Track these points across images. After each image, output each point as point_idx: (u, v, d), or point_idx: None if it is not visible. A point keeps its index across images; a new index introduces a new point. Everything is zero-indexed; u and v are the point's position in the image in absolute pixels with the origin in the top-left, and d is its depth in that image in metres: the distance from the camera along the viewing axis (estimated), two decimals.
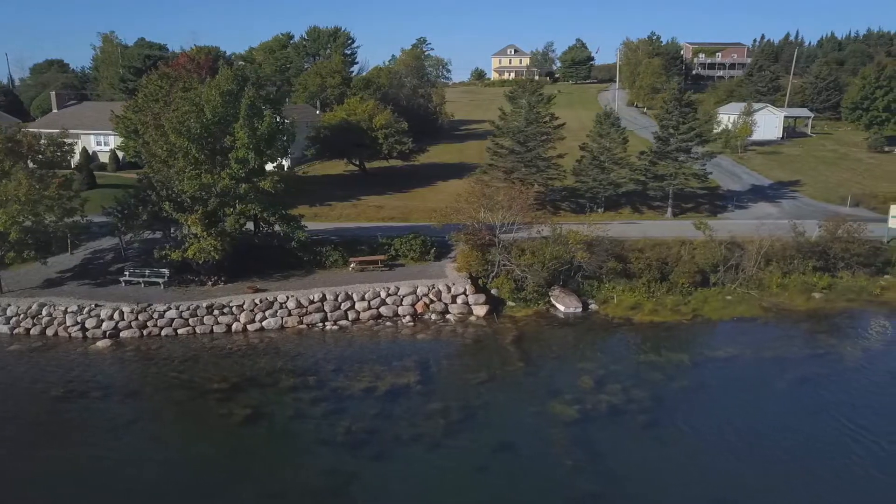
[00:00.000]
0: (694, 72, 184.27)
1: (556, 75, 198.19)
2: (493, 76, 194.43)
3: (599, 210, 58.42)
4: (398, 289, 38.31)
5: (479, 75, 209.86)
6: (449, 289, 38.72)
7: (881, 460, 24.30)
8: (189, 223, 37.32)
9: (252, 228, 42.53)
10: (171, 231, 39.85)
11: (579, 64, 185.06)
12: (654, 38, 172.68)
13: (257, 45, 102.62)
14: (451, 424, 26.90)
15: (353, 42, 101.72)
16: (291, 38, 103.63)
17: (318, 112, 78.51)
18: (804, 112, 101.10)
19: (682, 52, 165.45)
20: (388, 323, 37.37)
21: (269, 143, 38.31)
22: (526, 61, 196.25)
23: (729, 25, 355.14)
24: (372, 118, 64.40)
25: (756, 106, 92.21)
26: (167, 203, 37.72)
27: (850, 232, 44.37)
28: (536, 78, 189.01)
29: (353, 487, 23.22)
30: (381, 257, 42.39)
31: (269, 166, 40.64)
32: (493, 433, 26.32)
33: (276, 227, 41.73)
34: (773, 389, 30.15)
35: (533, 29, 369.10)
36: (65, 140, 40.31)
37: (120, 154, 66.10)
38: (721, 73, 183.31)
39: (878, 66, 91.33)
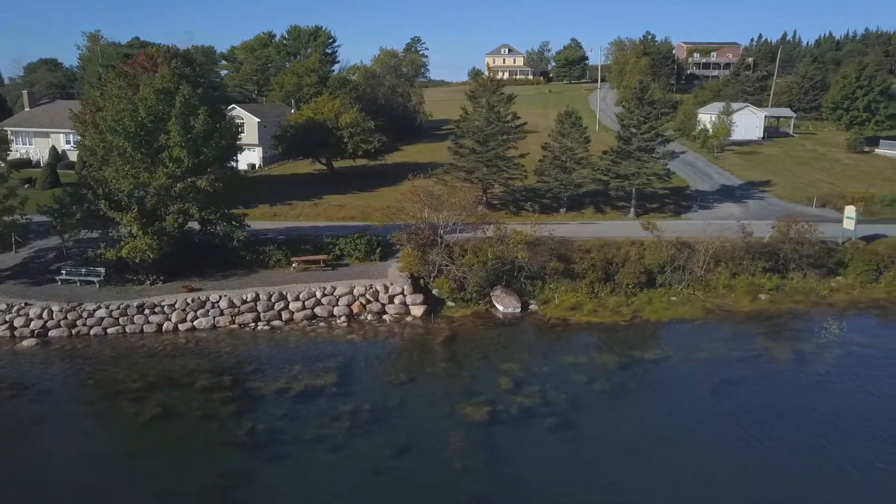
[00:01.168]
0: (688, 71, 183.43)
1: (551, 75, 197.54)
2: (488, 75, 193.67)
3: (562, 210, 58.12)
4: (334, 289, 38.10)
5: (477, 75, 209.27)
6: (386, 289, 38.48)
7: (778, 465, 23.90)
8: (124, 222, 37.18)
9: (198, 228, 42.31)
10: (109, 230, 39.68)
11: (573, 63, 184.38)
12: (650, 37, 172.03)
13: (238, 44, 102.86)
14: (357, 426, 26.64)
15: (334, 41, 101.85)
16: (273, 36, 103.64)
17: (292, 111, 78.42)
18: (786, 112, 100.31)
19: (673, 52, 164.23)
20: (321, 323, 37.16)
21: (205, 141, 38.04)
22: (520, 61, 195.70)
23: (728, 26, 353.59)
24: (338, 117, 64.14)
25: (736, 106, 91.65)
26: (103, 202, 37.59)
27: (800, 233, 43.86)
28: (530, 77, 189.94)
29: (244, 488, 23.00)
30: (324, 257, 42.19)
31: (243, 164, 40.29)
32: (397, 435, 26.05)
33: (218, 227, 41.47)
34: (693, 392, 29.82)
35: (531, 28, 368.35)
36: None
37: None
38: (716, 72, 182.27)
39: (858, 65, 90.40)
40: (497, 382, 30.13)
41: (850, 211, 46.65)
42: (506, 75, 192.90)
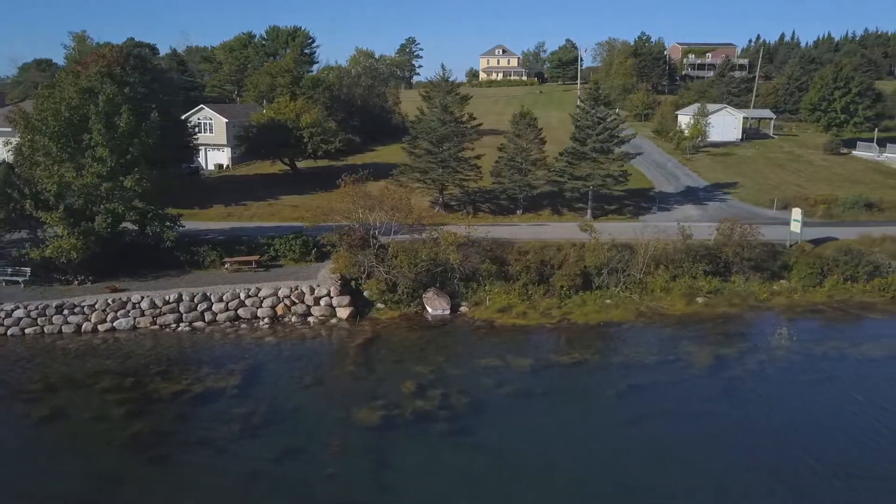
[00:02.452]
0: (683, 72, 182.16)
1: (546, 76, 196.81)
2: (482, 77, 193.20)
3: (519, 212, 57.69)
4: (259, 290, 37.80)
5: (474, 76, 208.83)
6: (312, 290, 38.15)
7: (662, 474, 23.39)
8: (49, 221, 37.03)
9: (136, 228, 42.04)
10: (38, 230, 39.53)
11: (567, 64, 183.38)
12: (645, 38, 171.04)
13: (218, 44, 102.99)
14: (247, 429, 26.33)
15: (313, 42, 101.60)
16: (253, 37, 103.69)
17: (264, 112, 78.22)
18: (767, 113, 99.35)
19: (665, 53, 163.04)
20: (244, 325, 36.88)
21: (130, 140, 37.81)
22: (514, 62, 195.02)
23: (728, 27, 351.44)
24: (299, 117, 63.89)
25: (714, 107, 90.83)
26: (29, 201, 37.45)
27: (742, 235, 43.21)
28: (524, 78, 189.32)
29: (114, 490, 22.75)
30: (256, 257, 41.91)
31: (211, 164, 39.82)
32: (285, 439, 25.71)
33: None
34: (597, 398, 29.36)
35: (529, 30, 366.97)
36: None
37: None
38: (711, 73, 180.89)
39: (835, 66, 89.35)
40: (402, 386, 29.71)
41: (796, 214, 46.00)
42: (500, 76, 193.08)
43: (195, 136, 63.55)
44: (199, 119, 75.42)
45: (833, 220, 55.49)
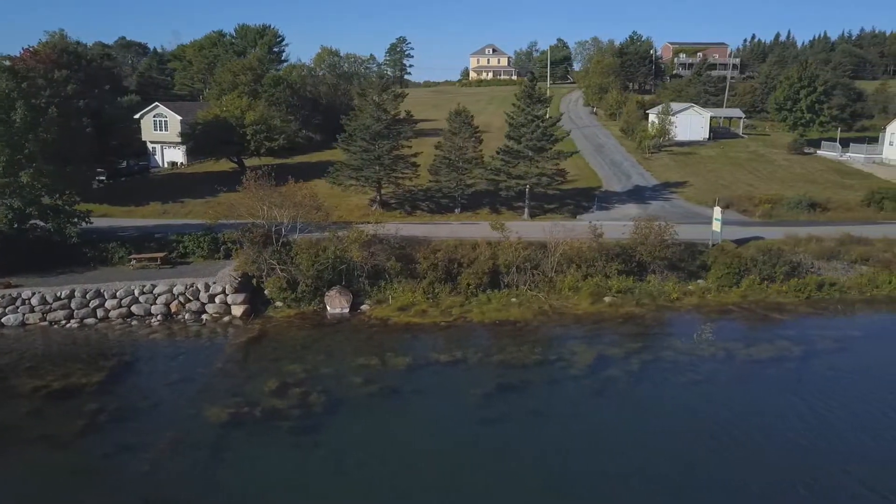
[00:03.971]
0: (674, 72, 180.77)
1: (536, 75, 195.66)
2: (472, 76, 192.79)
3: (457, 210, 57.21)
4: (154, 287, 37.55)
5: (467, 75, 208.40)
6: (207, 288, 37.86)
7: (515, 478, 22.89)
8: None
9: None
10: None
11: (556, 64, 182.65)
12: (636, 38, 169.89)
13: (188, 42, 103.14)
14: (92, 426, 26.13)
15: (282, 40, 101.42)
16: (223, 35, 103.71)
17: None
18: (737, 113, 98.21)
19: (651, 52, 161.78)
20: (135, 322, 36.65)
21: (25, 135, 37.67)
22: (504, 61, 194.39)
23: (723, 27, 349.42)
24: (244, 114, 63.70)
25: (681, 106, 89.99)
26: None
27: (658, 234, 42.52)
28: (514, 77, 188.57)
29: None
30: (162, 254, 41.69)
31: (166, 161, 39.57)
32: (126, 435, 25.48)
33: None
34: (462, 397, 28.70)
35: (523, 29, 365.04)
36: None
37: None
38: (710, 73, 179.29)
39: (801, 65, 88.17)
40: (266, 384, 29.36)
41: (716, 213, 45.19)
42: (490, 75, 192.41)
43: (136, 135, 63.51)
44: (153, 117, 75.53)
45: (772, 220, 54.61)
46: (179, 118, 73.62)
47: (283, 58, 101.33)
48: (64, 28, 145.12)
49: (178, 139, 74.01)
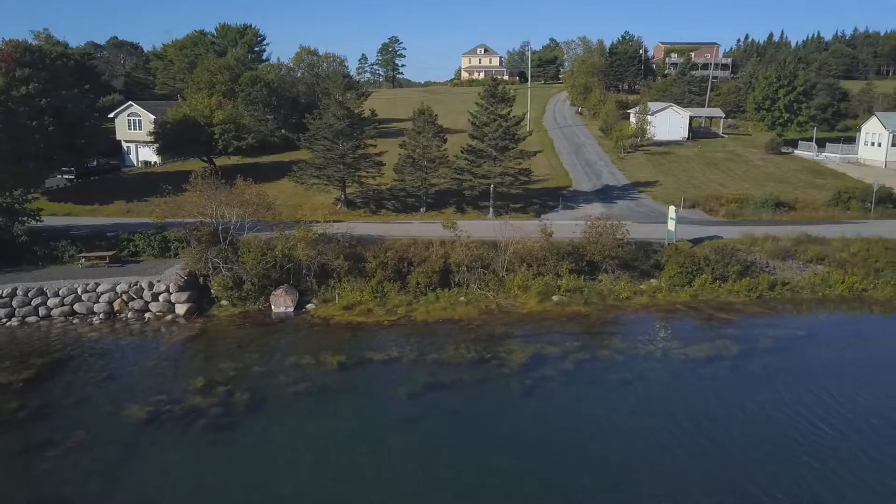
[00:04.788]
0: (665, 72, 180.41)
1: (527, 75, 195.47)
2: (464, 76, 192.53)
3: (422, 210, 57.13)
4: (97, 285, 37.46)
5: (461, 75, 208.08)
6: (151, 286, 37.76)
7: (423, 480, 22.74)
8: None
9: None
10: None
11: (547, 64, 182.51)
12: (627, 38, 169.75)
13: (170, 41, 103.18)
14: (5, 424, 26.00)
15: (263, 39, 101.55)
16: (205, 34, 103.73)
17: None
18: (717, 112, 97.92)
19: (640, 52, 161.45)
20: (77, 320, 36.58)
21: None
22: (496, 61, 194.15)
23: (716, 26, 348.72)
24: (213, 113, 63.70)
25: (659, 106, 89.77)
26: None
27: (610, 233, 42.32)
28: (506, 77, 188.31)
29: None
30: (111, 253, 41.63)
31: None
32: (37, 434, 25.28)
33: None
34: (389, 396, 28.46)
35: (517, 30, 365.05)
36: None
37: None
38: (694, 72, 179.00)
39: (780, 64, 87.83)
40: (192, 383, 29.23)
41: (671, 212, 44.99)
42: (482, 75, 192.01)
43: (108, 133, 63.54)
44: (128, 116, 75.61)
45: (735, 219, 54.39)
46: (153, 117, 73.72)
47: (263, 57, 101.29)
48: (49, 28, 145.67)
49: (152, 138, 74.16)
